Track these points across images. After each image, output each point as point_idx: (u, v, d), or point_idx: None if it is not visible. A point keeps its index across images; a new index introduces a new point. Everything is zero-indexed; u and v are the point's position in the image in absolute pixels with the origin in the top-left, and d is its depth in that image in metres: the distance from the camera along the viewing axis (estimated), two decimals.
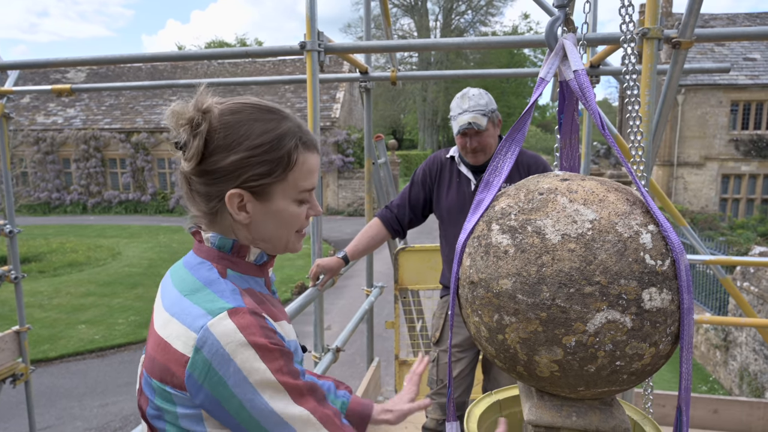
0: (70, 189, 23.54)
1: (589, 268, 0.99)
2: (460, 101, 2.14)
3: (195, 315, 0.83)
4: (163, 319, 0.87)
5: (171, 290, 0.91)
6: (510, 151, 1.20)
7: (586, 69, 1.17)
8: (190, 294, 0.87)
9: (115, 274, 12.76)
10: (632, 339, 1.00)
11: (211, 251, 0.94)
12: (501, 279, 1.06)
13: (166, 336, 0.84)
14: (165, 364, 0.83)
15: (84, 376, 7.78)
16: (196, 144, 0.88)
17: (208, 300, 0.85)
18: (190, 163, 0.89)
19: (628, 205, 1.06)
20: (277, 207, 0.93)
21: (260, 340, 0.82)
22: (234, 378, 0.80)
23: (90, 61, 2.80)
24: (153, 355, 0.86)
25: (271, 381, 0.82)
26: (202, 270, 0.91)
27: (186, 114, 0.89)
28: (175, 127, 0.89)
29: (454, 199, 2.26)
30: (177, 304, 0.87)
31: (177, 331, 0.83)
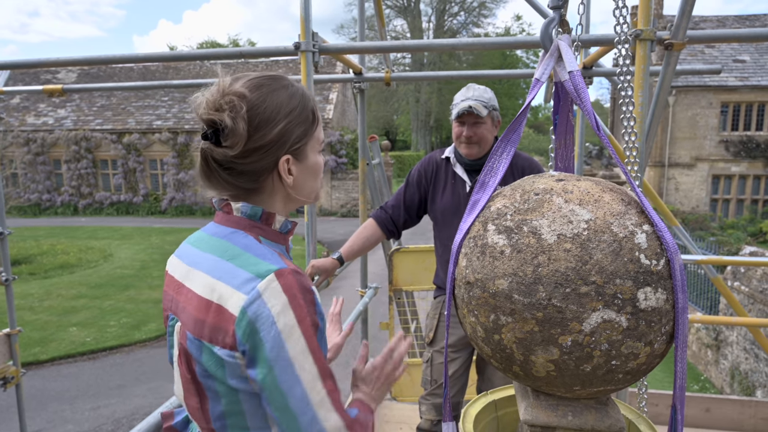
0: (60, 190, 23.36)
1: (585, 267, 0.99)
2: (465, 91, 2.15)
3: (243, 278, 0.87)
4: (206, 283, 0.91)
5: (204, 256, 0.95)
6: (506, 152, 1.21)
7: (580, 70, 1.18)
8: (231, 259, 0.91)
9: (107, 276, 12.67)
10: (628, 338, 1.00)
11: (241, 220, 0.97)
12: (497, 279, 1.06)
13: (216, 299, 0.88)
14: (216, 324, 0.87)
15: (75, 378, 7.71)
16: (241, 126, 0.90)
17: (252, 263, 0.89)
18: (236, 146, 0.91)
19: (623, 206, 1.07)
20: (311, 161, 1.01)
21: (301, 303, 0.86)
22: (273, 341, 0.84)
23: (82, 61, 2.78)
24: (200, 317, 0.90)
25: (304, 348, 0.85)
26: (237, 237, 0.95)
27: (219, 101, 0.91)
28: (211, 116, 0.91)
29: (449, 200, 2.25)
30: (219, 268, 0.91)
31: (227, 293, 0.87)
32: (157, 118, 22.83)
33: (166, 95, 24.08)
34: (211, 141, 0.92)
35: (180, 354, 0.95)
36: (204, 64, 26.67)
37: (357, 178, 21.21)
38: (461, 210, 2.20)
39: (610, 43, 2.00)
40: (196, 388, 0.94)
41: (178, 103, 23.54)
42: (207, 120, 0.92)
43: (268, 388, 0.85)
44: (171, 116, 22.86)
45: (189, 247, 1.01)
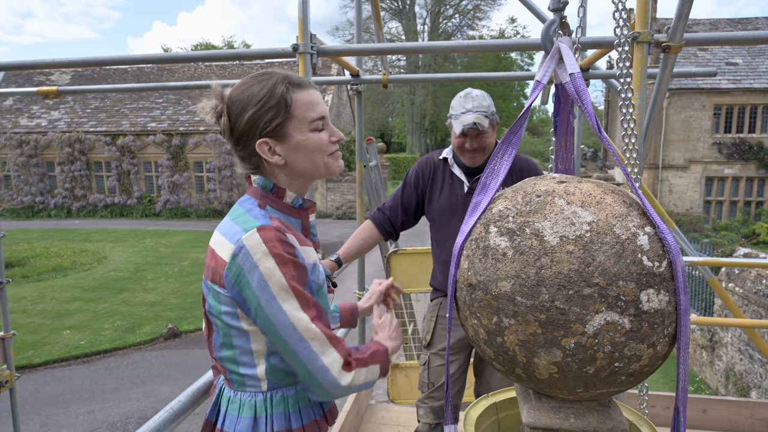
0: (54, 193, 23.21)
1: (588, 269, 0.99)
2: (463, 101, 2.11)
3: (235, 231, 1.08)
4: (216, 237, 1.13)
5: (226, 218, 1.16)
6: (507, 154, 1.21)
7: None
8: (235, 218, 1.12)
9: (101, 279, 12.59)
10: (631, 340, 1.00)
11: (256, 191, 1.18)
12: (500, 281, 1.06)
13: (218, 249, 1.10)
14: (215, 268, 1.10)
15: (69, 382, 7.66)
16: (223, 121, 1.13)
17: (245, 221, 1.10)
18: (228, 138, 1.15)
19: (625, 207, 1.07)
20: (297, 140, 1.14)
21: (278, 251, 1.06)
22: (257, 281, 1.04)
23: (76, 63, 2.76)
24: (208, 263, 1.13)
25: (284, 285, 1.05)
26: (247, 203, 1.16)
27: (209, 105, 1.14)
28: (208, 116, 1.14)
29: (446, 201, 2.24)
30: (225, 225, 1.13)
31: (222, 243, 1.09)
32: (152, 120, 22.74)
33: (160, 97, 23.98)
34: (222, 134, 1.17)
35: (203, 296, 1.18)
36: (198, 66, 26.62)
37: (352, 180, 21.20)
38: (459, 211, 2.19)
39: (608, 46, 2.01)
40: (207, 321, 1.18)
41: (173, 105, 23.46)
42: (210, 118, 1.15)
43: (260, 320, 1.07)
44: (165, 118, 22.77)
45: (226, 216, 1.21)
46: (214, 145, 21.56)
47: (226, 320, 1.12)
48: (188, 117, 22.72)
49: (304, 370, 1.08)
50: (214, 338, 1.16)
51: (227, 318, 1.11)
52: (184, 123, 22.44)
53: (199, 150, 22.07)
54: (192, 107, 23.21)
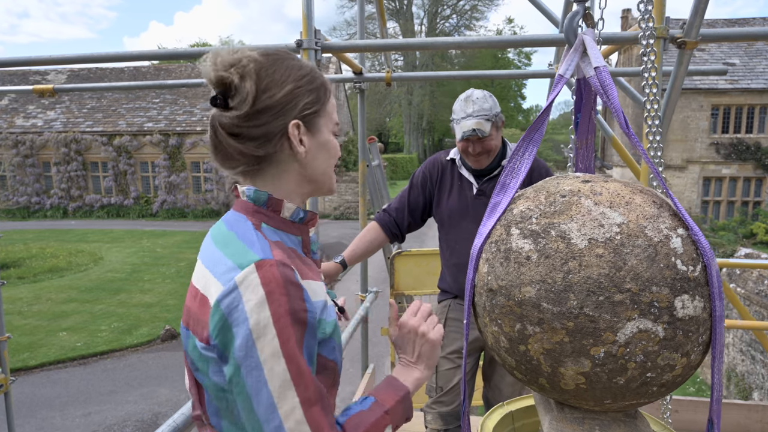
0: (50, 193, 23.06)
1: (619, 274, 0.93)
2: (464, 104, 2.04)
3: (226, 267, 0.82)
4: (200, 272, 0.87)
5: (208, 242, 0.91)
6: (528, 152, 1.15)
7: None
8: (223, 246, 0.86)
9: (98, 280, 12.49)
10: (664, 349, 0.94)
11: (246, 205, 0.93)
12: (524, 286, 1.00)
13: (202, 288, 0.84)
14: (198, 315, 0.83)
15: (65, 384, 7.57)
16: (248, 85, 0.87)
17: (239, 252, 0.83)
18: (243, 105, 0.87)
19: (656, 208, 1.01)
20: (324, 138, 0.95)
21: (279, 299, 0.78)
22: (242, 339, 0.76)
23: (73, 59, 2.69)
24: (189, 306, 0.87)
25: (277, 351, 0.77)
26: (237, 223, 0.90)
27: (229, 60, 0.87)
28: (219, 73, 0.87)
29: (456, 203, 2.19)
30: (211, 256, 0.87)
31: (210, 282, 0.83)
32: (148, 120, 22.62)
33: (157, 97, 23.86)
34: (219, 106, 0.88)
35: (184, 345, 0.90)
36: (195, 67, 26.46)
37: (350, 180, 21.13)
38: (469, 213, 2.14)
39: (634, 41, 1.94)
40: (194, 381, 0.90)
41: (170, 105, 23.35)
42: (215, 78, 0.87)
43: (235, 389, 0.79)
44: (162, 118, 22.66)
45: (207, 237, 0.95)
46: None
47: (216, 380, 0.83)
48: (185, 117, 22.62)
49: None
50: (207, 400, 0.88)
51: (217, 378, 0.82)
52: (181, 123, 22.33)
53: (196, 150, 21.97)
54: (189, 107, 23.11)
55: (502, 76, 3.31)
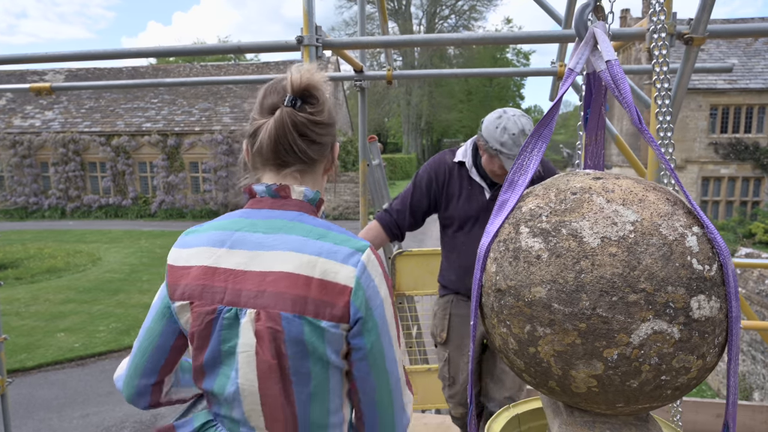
0: (48, 193, 22.98)
1: (633, 274, 0.90)
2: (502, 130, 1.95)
3: (346, 253, 0.93)
4: (300, 261, 0.92)
5: (282, 238, 0.94)
6: (536, 148, 1.12)
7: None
8: (321, 237, 0.94)
9: (96, 280, 12.44)
10: (680, 351, 0.91)
11: (303, 204, 1.00)
12: (534, 286, 0.97)
13: (319, 274, 0.91)
14: (322, 298, 0.90)
15: (63, 386, 7.53)
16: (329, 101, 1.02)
17: (344, 240, 0.95)
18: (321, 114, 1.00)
19: (670, 206, 0.98)
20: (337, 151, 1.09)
21: (388, 278, 0.99)
22: (379, 310, 0.94)
23: (71, 57, 2.65)
24: (301, 294, 0.91)
25: (393, 315, 0.98)
26: (308, 219, 0.98)
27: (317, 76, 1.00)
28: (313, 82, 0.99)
29: (466, 207, 2.16)
30: (311, 246, 0.93)
31: (333, 268, 0.91)
32: (147, 120, 22.56)
33: (155, 97, 23.81)
34: (295, 107, 0.97)
35: (265, 340, 0.91)
36: (194, 66, 26.44)
37: (349, 180, 21.09)
38: (481, 217, 2.12)
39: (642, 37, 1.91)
40: (281, 374, 0.92)
41: (168, 105, 23.29)
42: (306, 86, 0.97)
43: (372, 351, 0.94)
44: (161, 118, 22.61)
45: (238, 234, 0.97)
46: (210, 145, 21.42)
47: (331, 358, 0.92)
48: (184, 117, 22.57)
49: (388, 416, 0.97)
50: (296, 391, 0.93)
51: (333, 356, 0.92)
52: (179, 123, 22.27)
53: (195, 150, 21.92)
54: (188, 107, 23.06)
55: (504, 74, 3.28)
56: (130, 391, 1.04)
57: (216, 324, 0.94)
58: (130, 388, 1.04)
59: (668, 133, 1.18)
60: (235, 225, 0.98)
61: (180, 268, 0.98)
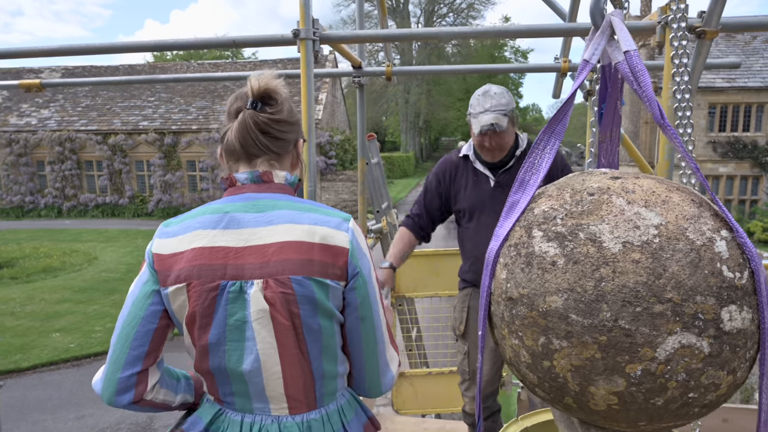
0: (44, 192, 22.85)
1: (659, 282, 0.83)
2: (482, 99, 2.09)
3: (337, 221, 1.06)
4: (300, 231, 1.02)
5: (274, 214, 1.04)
6: (549, 145, 1.04)
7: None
8: (311, 210, 1.06)
9: (92, 280, 12.34)
10: (709, 366, 0.84)
11: (285, 187, 1.11)
12: (549, 295, 0.89)
13: (319, 239, 1.02)
14: (326, 260, 1.01)
15: (58, 386, 7.44)
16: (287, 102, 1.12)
17: (331, 212, 1.08)
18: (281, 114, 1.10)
19: (696, 207, 0.90)
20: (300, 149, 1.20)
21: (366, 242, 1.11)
22: (367, 269, 1.07)
23: (65, 51, 2.56)
24: (306, 258, 1.00)
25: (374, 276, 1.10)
26: (290, 198, 1.09)
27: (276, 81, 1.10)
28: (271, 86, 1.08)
29: (473, 197, 2.24)
30: (305, 217, 1.04)
31: (330, 233, 1.03)
32: (143, 119, 22.44)
33: (152, 95, 23.69)
34: (256, 109, 1.07)
35: (277, 304, 0.99)
36: (191, 65, 26.31)
37: (346, 179, 21.00)
38: (487, 206, 2.20)
39: (638, 31, 1.84)
40: (295, 333, 1.01)
41: (165, 103, 23.16)
42: (264, 89, 1.07)
43: (363, 303, 1.05)
44: (157, 117, 22.48)
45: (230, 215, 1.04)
46: (207, 144, 21.31)
47: (337, 318, 1.05)
48: (181, 116, 22.45)
49: (374, 366, 1.09)
50: (310, 349, 1.03)
51: (336, 312, 1.04)
52: (176, 122, 22.15)
53: (192, 149, 21.80)
54: (185, 106, 22.94)
55: (508, 69, 3.20)
56: (112, 388, 1.00)
57: (220, 299, 0.98)
58: (112, 383, 1.00)
59: (688, 129, 1.10)
60: (225, 208, 1.05)
61: (169, 256, 1.02)
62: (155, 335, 1.02)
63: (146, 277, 1.04)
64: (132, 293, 1.05)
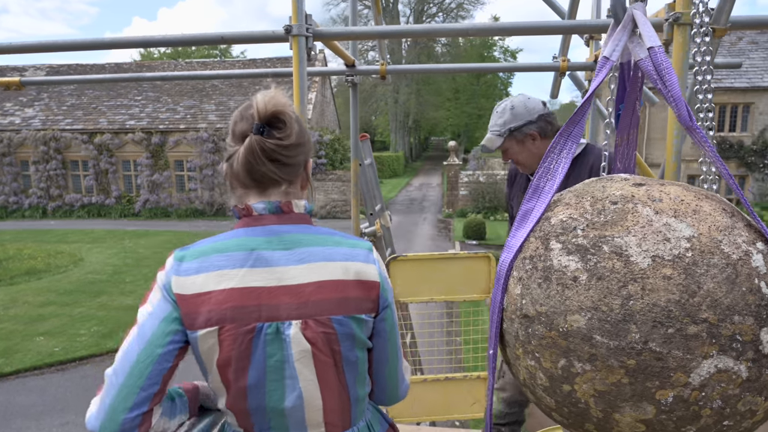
0: (28, 192, 22.47)
1: (693, 301, 0.75)
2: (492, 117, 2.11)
3: (365, 253, 1.06)
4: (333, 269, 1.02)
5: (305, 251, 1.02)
6: (565, 149, 0.96)
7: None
8: (337, 244, 1.05)
9: (77, 282, 12.12)
10: (747, 392, 0.77)
11: (304, 217, 1.08)
12: (570, 314, 0.81)
13: (353, 276, 1.02)
14: (360, 296, 1.02)
15: (42, 392, 7.28)
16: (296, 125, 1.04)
17: (354, 243, 1.07)
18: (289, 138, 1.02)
19: (728, 217, 0.83)
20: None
21: None
22: (390, 293, 1.09)
23: (47, 47, 2.45)
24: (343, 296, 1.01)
25: None
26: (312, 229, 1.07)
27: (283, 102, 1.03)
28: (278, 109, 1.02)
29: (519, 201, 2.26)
30: (335, 253, 1.03)
31: (362, 269, 1.04)
32: (130, 118, 22.15)
33: (139, 94, 23.40)
34: (263, 135, 1.00)
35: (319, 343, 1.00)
36: (179, 63, 26.02)
37: (336, 179, 20.89)
38: None
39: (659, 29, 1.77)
40: (335, 368, 1.03)
41: (152, 102, 22.88)
42: (272, 112, 1.00)
43: (391, 331, 1.09)
44: (144, 116, 22.21)
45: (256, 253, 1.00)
46: (195, 143, 21.09)
47: (368, 346, 1.09)
48: (168, 115, 22.20)
49: (394, 380, 1.13)
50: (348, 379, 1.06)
51: (368, 343, 1.08)
52: (164, 121, 21.90)
53: (180, 148, 21.56)
54: (172, 105, 22.70)
55: (504, 69, 3.14)
56: (114, 428, 0.93)
57: (257, 341, 0.97)
58: (115, 424, 0.93)
59: (710, 131, 1.03)
60: (249, 243, 1.00)
61: (194, 296, 0.96)
62: (167, 374, 0.97)
63: (165, 314, 0.97)
64: (146, 326, 0.97)
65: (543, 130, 1.97)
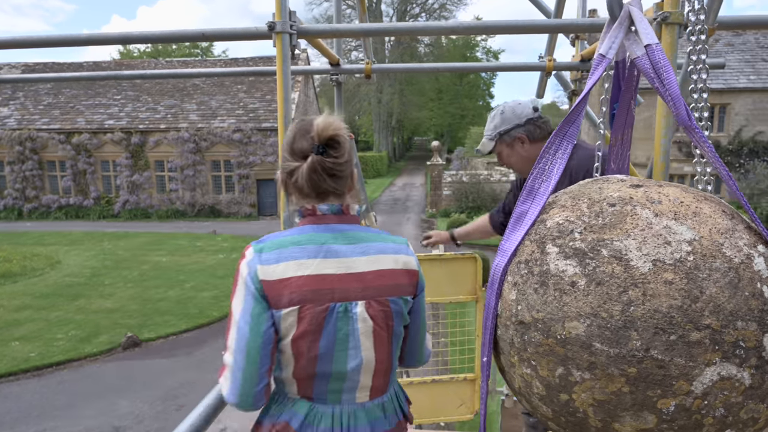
0: (3, 193, 21.97)
1: (695, 306, 0.73)
2: None
3: (405, 247, 1.29)
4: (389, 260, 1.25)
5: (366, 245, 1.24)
6: (560, 149, 0.93)
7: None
8: (384, 240, 1.27)
9: (54, 285, 11.87)
10: (749, 400, 0.74)
11: (356, 218, 1.29)
12: (568, 321, 0.78)
13: (402, 265, 1.26)
14: (406, 282, 1.25)
15: (17, 399, 7.10)
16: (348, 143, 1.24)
17: (397, 239, 1.30)
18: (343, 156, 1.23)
19: (729, 219, 0.81)
20: None
21: None
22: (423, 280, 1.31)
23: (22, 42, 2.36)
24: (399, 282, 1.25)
25: None
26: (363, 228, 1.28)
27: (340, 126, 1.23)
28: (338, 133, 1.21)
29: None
30: (388, 247, 1.26)
31: (407, 260, 1.27)
32: (109, 118, 21.77)
33: (118, 93, 23.01)
34: (322, 155, 1.20)
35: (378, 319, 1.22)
36: (159, 62, 25.65)
37: None
38: None
39: None
40: (388, 339, 1.25)
41: (132, 101, 22.52)
42: (331, 136, 1.20)
43: (422, 308, 1.33)
44: (124, 115, 21.84)
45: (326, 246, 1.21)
46: (176, 143, 20.81)
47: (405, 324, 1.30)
48: (148, 114, 21.86)
49: (422, 345, 1.37)
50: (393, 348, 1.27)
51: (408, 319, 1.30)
52: (143, 120, 21.56)
53: (160, 148, 21.25)
54: (152, 104, 22.36)
55: (489, 68, 3.12)
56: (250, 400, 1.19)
57: (330, 318, 1.18)
58: (250, 396, 1.19)
59: (706, 132, 1.01)
60: (318, 239, 1.22)
61: (277, 282, 1.17)
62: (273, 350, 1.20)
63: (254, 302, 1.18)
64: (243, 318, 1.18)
65: (531, 134, 2.03)
